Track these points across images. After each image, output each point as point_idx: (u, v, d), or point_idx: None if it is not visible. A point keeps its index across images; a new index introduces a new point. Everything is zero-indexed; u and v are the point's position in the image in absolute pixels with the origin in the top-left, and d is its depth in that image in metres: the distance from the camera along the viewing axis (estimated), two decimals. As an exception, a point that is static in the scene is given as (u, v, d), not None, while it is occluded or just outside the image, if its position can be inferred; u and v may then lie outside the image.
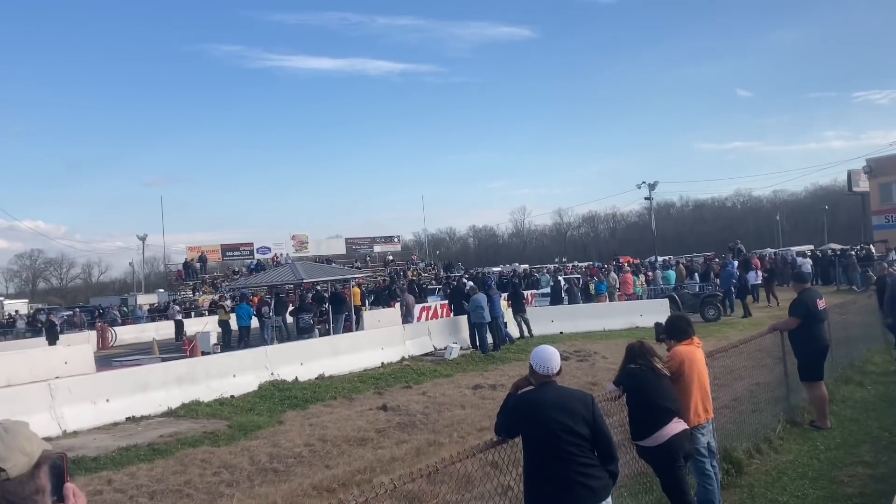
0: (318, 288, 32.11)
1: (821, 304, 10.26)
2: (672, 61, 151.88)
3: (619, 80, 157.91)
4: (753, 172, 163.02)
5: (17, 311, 49.23)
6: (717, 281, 29.38)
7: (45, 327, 35.61)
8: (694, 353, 6.52)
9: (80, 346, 28.36)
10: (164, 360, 20.87)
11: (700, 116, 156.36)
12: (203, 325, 30.15)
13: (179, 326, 34.98)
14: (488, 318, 21.28)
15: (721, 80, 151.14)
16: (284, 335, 28.03)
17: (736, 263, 31.51)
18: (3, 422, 2.09)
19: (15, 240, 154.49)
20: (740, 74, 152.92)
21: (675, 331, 6.69)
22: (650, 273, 35.44)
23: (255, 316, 29.01)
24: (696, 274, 32.75)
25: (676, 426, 5.84)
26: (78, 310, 51.98)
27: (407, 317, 24.54)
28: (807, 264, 34.58)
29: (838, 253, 41.67)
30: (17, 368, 21.75)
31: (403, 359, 20.30)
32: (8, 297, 76.37)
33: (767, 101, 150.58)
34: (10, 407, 12.32)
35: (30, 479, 2.03)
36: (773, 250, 56.27)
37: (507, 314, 24.00)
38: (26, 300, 75.82)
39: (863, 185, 55.54)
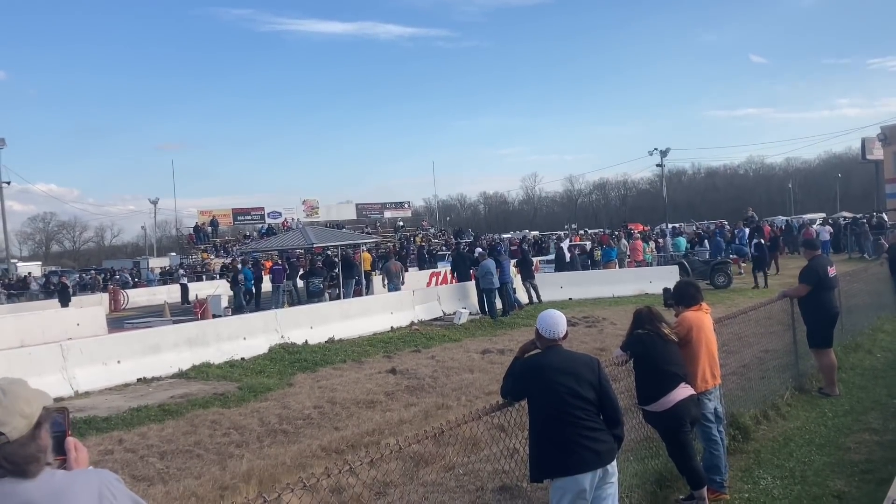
0: (329, 253, 32.15)
1: (831, 271, 10.22)
2: (685, 26, 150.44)
3: (631, 45, 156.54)
4: (766, 140, 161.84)
5: (30, 274, 49.53)
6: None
7: (57, 289, 35.87)
8: (702, 319, 6.51)
9: (92, 308, 28.62)
10: (175, 322, 21.01)
11: (712, 83, 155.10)
12: (214, 289, 30.27)
13: (185, 290, 35.19)
14: (497, 284, 21.30)
15: (735, 46, 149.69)
16: (295, 299, 28.16)
17: (747, 231, 31.45)
18: (1, 383, 2.10)
19: (28, 203, 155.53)
20: (754, 40, 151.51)
21: (683, 296, 6.67)
22: (661, 240, 35.35)
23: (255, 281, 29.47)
24: (707, 241, 32.63)
25: (683, 391, 5.85)
26: (94, 271, 52.37)
27: (389, 284, 24.61)
28: (825, 232, 34.39)
29: (850, 221, 41.43)
30: (31, 329, 21.99)
31: (412, 323, 20.38)
32: (21, 259, 76.81)
33: (781, 67, 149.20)
34: (24, 367, 12.45)
35: (30, 440, 2.04)
36: (785, 218, 55.97)
37: (516, 280, 24.04)
38: (39, 262, 76.31)
39: (877, 153, 55.03)
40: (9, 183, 52.55)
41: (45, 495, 1.99)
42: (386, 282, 25.14)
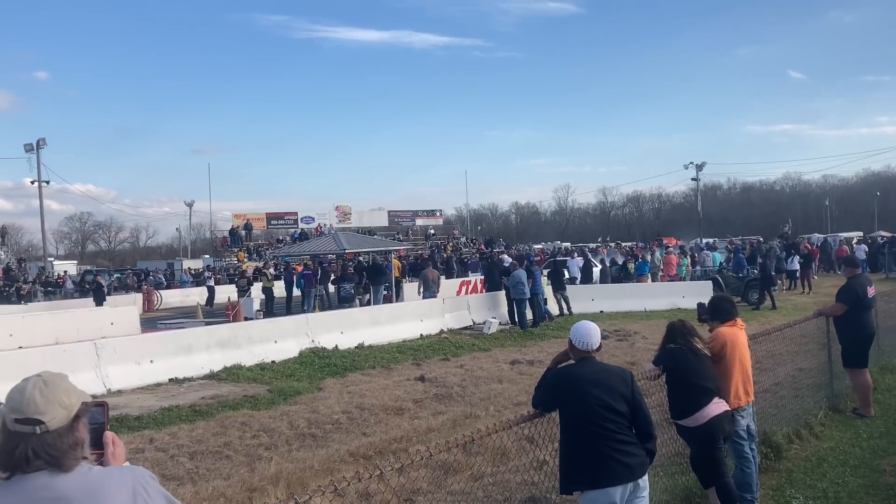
0: (361, 259, 32.32)
1: (870, 291, 10.06)
2: (723, 41, 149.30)
3: (667, 58, 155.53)
4: (803, 156, 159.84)
5: (66, 272, 50.27)
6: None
7: (92, 289, 36.36)
8: (737, 334, 6.43)
9: (126, 307, 28.98)
10: (207, 323, 21.20)
11: (749, 98, 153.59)
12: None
13: (211, 292, 35.45)
14: (528, 294, 21.24)
15: (773, 62, 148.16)
16: (326, 304, 28.31)
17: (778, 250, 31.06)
18: (42, 374, 2.15)
19: (66, 202, 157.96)
20: (793, 56, 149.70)
21: (718, 311, 6.59)
22: (697, 255, 34.94)
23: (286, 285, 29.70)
24: (741, 257, 32.23)
25: (717, 407, 5.78)
26: (130, 271, 53.07)
27: (426, 292, 24.60)
28: (860, 251, 33.87)
29: (887, 240, 40.73)
30: (66, 327, 22.29)
31: (442, 331, 20.37)
32: (58, 258, 77.96)
33: (820, 83, 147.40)
34: (58, 364, 12.61)
35: (69, 431, 2.08)
36: (822, 236, 55.18)
37: (547, 291, 23.97)
38: (75, 262, 77.37)
39: (917, 171, 53.96)
40: (48, 182, 53.34)
41: (81, 490, 2.02)
42: (422, 289, 25.12)
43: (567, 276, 29.51)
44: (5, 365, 12.52)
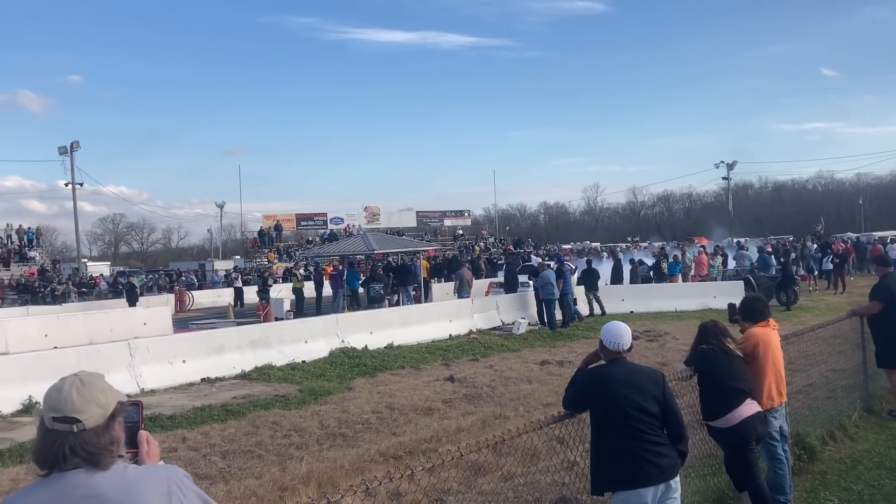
0: (390, 259, 32.42)
1: (905, 289, 9.87)
2: (754, 39, 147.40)
3: (697, 56, 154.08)
4: (835, 154, 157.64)
5: (101, 274, 50.95)
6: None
7: (125, 289, 36.83)
8: (769, 335, 6.36)
9: (158, 308, 29.29)
10: (238, 324, 21.38)
11: (781, 96, 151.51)
12: (277, 292, 30.76)
13: (239, 293, 35.78)
14: (557, 295, 21.17)
15: (805, 59, 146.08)
16: (355, 304, 28.42)
17: (814, 247, 30.65)
18: (80, 374, 2.18)
19: (99, 204, 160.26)
20: (826, 53, 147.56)
21: (750, 312, 6.52)
22: (733, 254, 34.56)
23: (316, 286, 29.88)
24: (774, 256, 31.89)
25: (750, 408, 5.73)
26: (163, 272, 53.70)
27: (461, 292, 24.52)
28: (894, 250, 33.33)
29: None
30: (99, 328, 22.61)
31: (471, 332, 20.37)
32: (91, 259, 79.04)
33: (853, 80, 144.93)
34: (92, 364, 12.79)
35: (105, 430, 2.11)
36: (855, 235, 54.38)
37: (579, 291, 23.89)
38: (108, 263, 78.34)
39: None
40: (81, 184, 54.02)
41: (116, 488, 2.05)
42: (458, 289, 25.08)
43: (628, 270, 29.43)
44: (41, 365, 12.73)
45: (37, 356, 13.75)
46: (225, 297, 37.47)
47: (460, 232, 68.12)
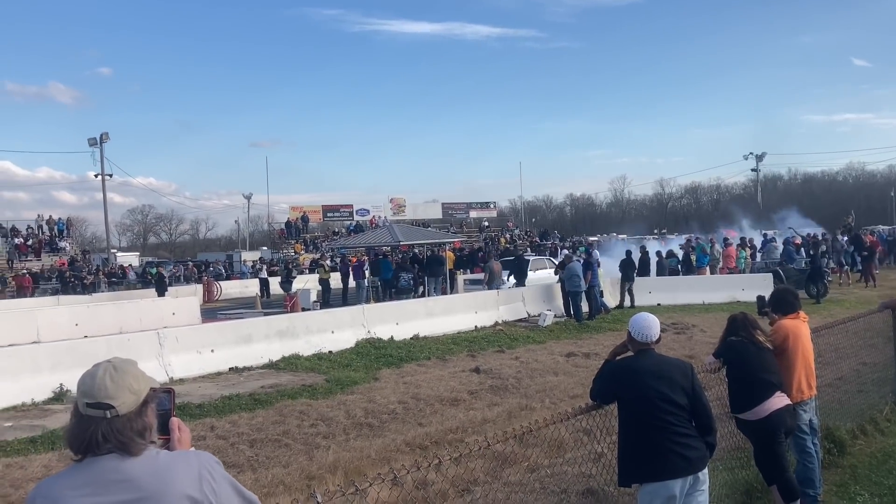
0: (416, 251, 32.48)
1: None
2: (784, 28, 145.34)
3: (725, 47, 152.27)
4: (866, 146, 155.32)
5: (130, 265, 51.47)
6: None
7: (154, 280, 37.22)
8: (799, 327, 6.29)
9: (187, 298, 29.56)
10: (266, 314, 21.53)
11: (811, 86, 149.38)
12: (304, 283, 30.93)
13: (264, 284, 35.98)
14: (584, 287, 21.08)
15: (836, 49, 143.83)
16: (380, 295, 28.52)
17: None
18: (113, 360, 2.21)
19: (128, 195, 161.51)
20: (857, 43, 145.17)
21: (781, 304, 6.45)
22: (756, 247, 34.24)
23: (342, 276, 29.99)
24: (803, 249, 31.52)
25: (779, 400, 5.68)
26: (191, 263, 54.19)
27: (491, 283, 24.53)
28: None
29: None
30: (129, 317, 22.87)
31: (497, 323, 20.37)
32: (120, 249, 79.87)
33: (885, 71, 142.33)
34: (122, 353, 12.80)
35: (137, 416, 2.13)
36: (887, 227, 53.56)
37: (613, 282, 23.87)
38: (137, 253, 79.19)
39: None
40: (111, 176, 54.61)
41: (148, 473, 2.07)
42: (487, 280, 25.03)
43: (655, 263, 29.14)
44: (72, 353, 12.89)
45: (68, 345, 13.92)
46: (252, 287, 37.75)
47: (486, 224, 68.03)
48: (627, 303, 23.78)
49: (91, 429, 2.07)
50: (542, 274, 27.62)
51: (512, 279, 25.29)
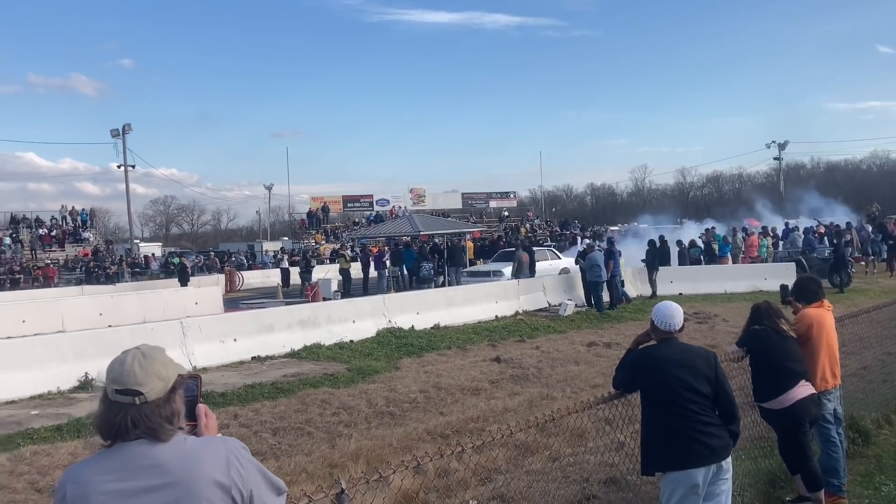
0: (437, 241, 32.50)
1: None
2: (807, 15, 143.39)
3: (748, 34, 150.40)
4: (891, 134, 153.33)
5: (153, 254, 51.93)
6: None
7: (177, 270, 37.52)
8: (823, 316, 6.24)
9: (209, 288, 29.78)
10: (287, 304, 21.65)
11: (834, 74, 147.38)
12: (324, 273, 31.06)
13: (285, 274, 36.17)
14: (605, 277, 21.01)
15: (860, 36, 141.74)
16: (402, 285, 28.59)
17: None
18: (141, 347, 2.23)
19: (151, 186, 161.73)
20: (882, 29, 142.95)
21: (804, 292, 6.40)
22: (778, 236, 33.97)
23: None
24: (827, 238, 31.23)
25: (803, 390, 5.65)
26: (212, 253, 54.56)
27: (519, 273, 24.46)
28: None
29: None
30: (152, 307, 23.08)
31: (517, 313, 20.36)
32: (143, 240, 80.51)
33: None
34: (146, 342, 12.94)
35: (166, 402, 2.15)
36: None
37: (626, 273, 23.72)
38: (160, 244, 79.78)
39: None
40: (133, 167, 54.94)
41: (176, 459, 2.09)
42: (515, 270, 25.01)
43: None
44: (97, 343, 13.03)
45: (92, 334, 14.07)
46: (274, 277, 37.95)
47: (506, 213, 67.88)
48: (647, 292, 23.63)
49: (120, 415, 2.09)
50: (544, 266, 27.26)
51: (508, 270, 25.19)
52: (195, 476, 2.08)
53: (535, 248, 28.94)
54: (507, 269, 25.18)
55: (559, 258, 29.28)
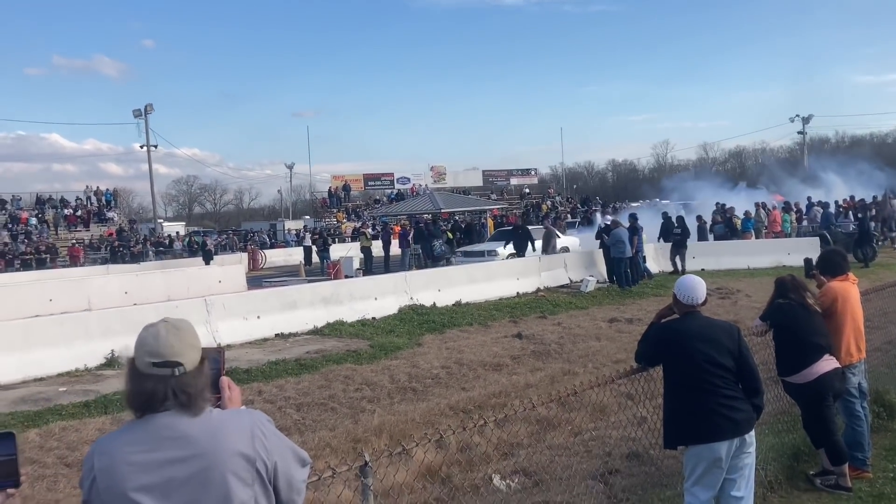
0: (457, 218, 32.52)
1: None
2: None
3: (770, 7, 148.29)
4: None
5: (177, 233, 52.34)
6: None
7: (201, 248, 37.80)
8: (848, 289, 6.19)
9: (232, 266, 29.96)
10: (309, 282, 21.75)
11: (859, 46, 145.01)
12: (346, 251, 31.18)
13: (308, 252, 36.29)
14: (629, 253, 20.89)
15: (887, 7, 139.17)
16: (422, 262, 28.66)
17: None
18: (168, 320, 2.25)
19: (173, 166, 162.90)
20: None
21: (830, 265, 6.35)
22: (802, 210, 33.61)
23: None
24: (851, 212, 30.87)
25: (828, 364, 5.62)
26: (232, 232, 54.90)
27: (546, 249, 24.36)
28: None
29: None
30: (177, 285, 23.33)
31: (538, 290, 20.33)
32: (167, 219, 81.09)
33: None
34: (172, 319, 13.18)
35: (199, 373, 2.19)
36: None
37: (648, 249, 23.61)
38: (183, 223, 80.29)
39: None
40: (156, 147, 55.37)
41: (202, 430, 2.12)
42: (543, 247, 24.92)
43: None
44: (123, 320, 13.16)
45: (118, 312, 14.22)
46: (296, 255, 38.14)
47: (527, 191, 67.66)
48: (678, 267, 23.39)
49: (158, 387, 2.11)
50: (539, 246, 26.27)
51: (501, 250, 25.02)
52: (220, 448, 2.11)
53: (534, 227, 28.67)
54: (501, 249, 25.06)
55: (558, 237, 28.85)
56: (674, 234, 24.01)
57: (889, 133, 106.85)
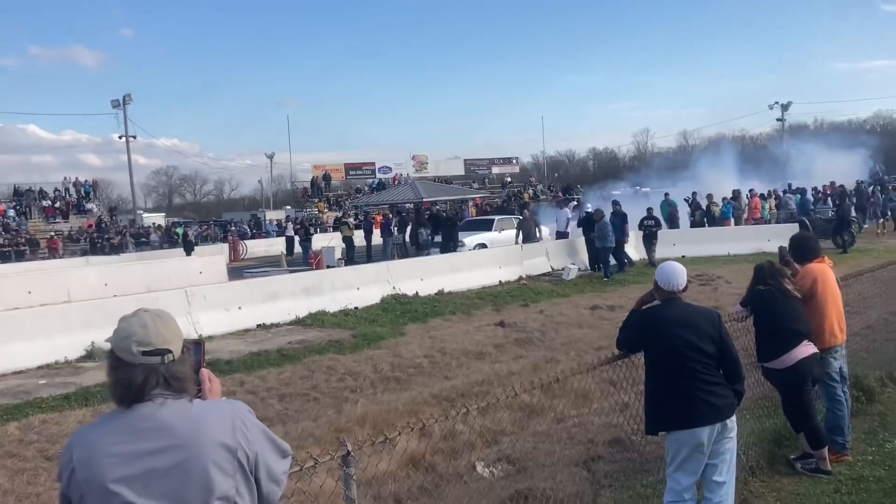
0: (438, 208, 32.49)
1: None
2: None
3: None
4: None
5: (154, 224, 51.91)
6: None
7: (181, 239, 37.54)
8: (826, 270, 6.24)
9: (213, 257, 29.75)
10: (291, 272, 21.67)
11: (837, 34, 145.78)
12: (328, 241, 31.08)
13: (290, 242, 36.12)
14: (614, 243, 20.94)
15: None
16: (405, 252, 28.62)
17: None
18: (149, 310, 2.24)
19: (153, 157, 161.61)
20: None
21: (801, 251, 6.39)
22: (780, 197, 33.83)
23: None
24: (830, 199, 31.13)
25: (806, 349, 5.66)
26: (212, 223, 54.56)
27: (527, 238, 24.42)
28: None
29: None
30: (157, 276, 23.12)
31: (521, 278, 20.38)
32: (146, 210, 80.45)
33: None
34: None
35: (184, 360, 2.19)
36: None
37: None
38: (163, 214, 79.71)
39: None
40: (135, 137, 54.71)
41: (182, 421, 2.10)
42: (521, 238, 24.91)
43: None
44: (103, 312, 13.01)
45: (98, 304, 14.10)
46: (277, 246, 37.95)
47: (508, 179, 67.70)
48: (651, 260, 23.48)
49: (146, 376, 2.09)
50: (509, 234, 25.67)
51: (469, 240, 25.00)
52: (201, 438, 2.09)
53: (498, 217, 28.58)
54: (468, 239, 25.00)
55: (538, 226, 28.50)
56: (646, 225, 24.03)
57: (867, 119, 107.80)
